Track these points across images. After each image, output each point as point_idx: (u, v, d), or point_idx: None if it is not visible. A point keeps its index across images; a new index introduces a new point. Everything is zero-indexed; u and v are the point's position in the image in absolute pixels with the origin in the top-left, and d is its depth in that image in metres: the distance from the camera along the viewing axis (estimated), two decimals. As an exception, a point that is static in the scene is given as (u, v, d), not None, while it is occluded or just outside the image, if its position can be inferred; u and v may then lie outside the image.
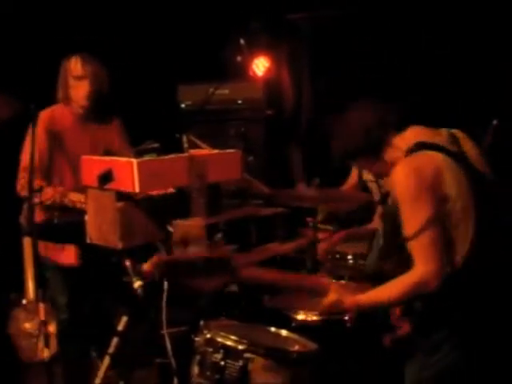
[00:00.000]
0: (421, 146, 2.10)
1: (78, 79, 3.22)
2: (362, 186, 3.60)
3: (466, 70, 4.52)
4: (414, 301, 2.16)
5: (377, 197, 3.41)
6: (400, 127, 2.20)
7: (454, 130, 2.21)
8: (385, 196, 2.96)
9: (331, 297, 2.25)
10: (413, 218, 2.02)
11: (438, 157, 2.07)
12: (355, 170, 3.61)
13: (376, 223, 3.53)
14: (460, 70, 4.55)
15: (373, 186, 3.46)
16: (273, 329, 2.60)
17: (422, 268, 2.00)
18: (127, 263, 2.51)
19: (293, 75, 5.14)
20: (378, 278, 2.26)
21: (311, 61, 5.13)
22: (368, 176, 3.44)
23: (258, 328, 2.62)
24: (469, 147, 2.16)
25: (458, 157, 2.09)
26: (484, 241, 2.05)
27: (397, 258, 2.17)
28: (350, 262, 3.57)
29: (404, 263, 2.07)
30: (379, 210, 3.42)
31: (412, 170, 2.05)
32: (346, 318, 2.43)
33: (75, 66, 3.23)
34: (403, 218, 2.06)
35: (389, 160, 2.19)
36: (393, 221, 2.13)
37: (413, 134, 2.17)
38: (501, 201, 2.14)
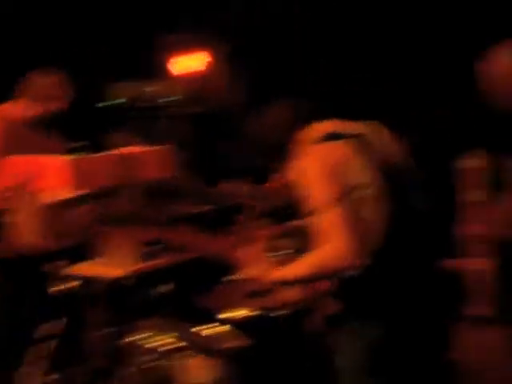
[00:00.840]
0: (331, 137, 2.15)
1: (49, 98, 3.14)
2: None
3: (385, 64, 4.62)
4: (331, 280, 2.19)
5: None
6: (310, 121, 2.24)
7: (370, 122, 2.27)
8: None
9: (247, 271, 2.31)
10: (321, 195, 2.04)
11: (347, 146, 2.12)
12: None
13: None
14: (379, 64, 4.65)
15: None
16: (205, 327, 2.60)
17: (333, 245, 2.02)
18: (51, 267, 2.46)
19: (226, 73, 5.14)
20: None
21: (253, 58, 5.14)
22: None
23: (191, 326, 2.61)
24: (384, 139, 2.23)
25: (370, 147, 2.15)
26: (396, 227, 2.10)
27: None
28: (289, 257, 3.57)
29: None
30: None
31: (319, 155, 2.11)
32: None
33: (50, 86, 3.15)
34: (312, 196, 2.07)
35: (303, 151, 2.21)
36: None
37: (328, 126, 2.22)
38: (416, 189, 2.21)
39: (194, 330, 2.57)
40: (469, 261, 2.47)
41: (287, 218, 3.72)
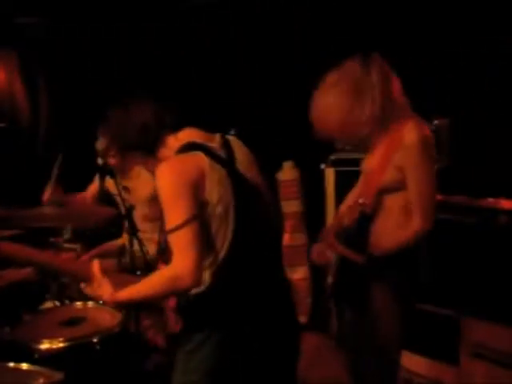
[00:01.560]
0: (190, 147, 2.13)
1: None
2: (107, 199, 3.46)
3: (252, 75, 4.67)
4: (177, 297, 2.20)
5: (123, 211, 3.30)
6: (176, 127, 2.22)
7: (229, 136, 2.27)
8: (130, 210, 2.87)
9: (90, 289, 2.20)
10: (174, 214, 2.02)
11: (203, 160, 2.09)
12: (97, 181, 3.48)
13: (125, 238, 3.42)
14: (205, 76, 4.69)
15: (118, 199, 3.35)
16: (11, 364, 2.35)
17: (178, 263, 2.00)
18: None
19: (27, 84, 4.81)
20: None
21: (46, 67, 4.87)
22: (113, 189, 3.32)
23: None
24: (240, 153, 2.22)
25: (225, 162, 2.13)
26: (243, 243, 2.10)
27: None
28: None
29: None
30: (126, 224, 3.32)
31: (175, 168, 2.07)
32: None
33: None
34: (165, 213, 2.05)
35: (162, 159, 2.17)
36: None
37: (186, 135, 2.20)
38: (269, 205, 2.23)
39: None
40: (289, 270, 2.51)
41: (106, 239, 3.57)
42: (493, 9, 3.63)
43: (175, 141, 2.18)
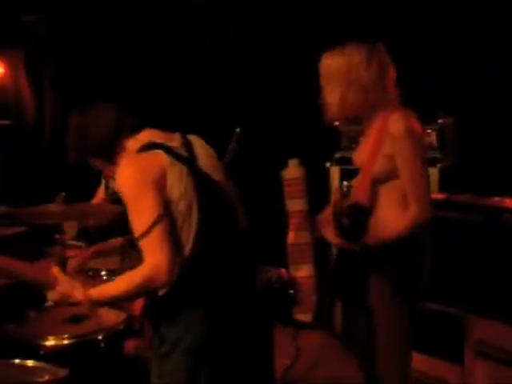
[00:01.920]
0: (149, 146, 2.12)
1: None
2: (113, 197, 3.47)
3: (213, 76, 4.67)
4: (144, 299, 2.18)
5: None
6: (136, 130, 2.20)
7: (189, 135, 2.25)
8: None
9: (60, 288, 2.14)
10: (140, 216, 2.01)
11: (163, 158, 2.08)
12: (103, 184, 3.48)
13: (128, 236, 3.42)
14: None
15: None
16: (17, 361, 2.36)
17: (151, 262, 1.99)
18: None
19: (32, 81, 4.82)
20: None
21: (52, 65, 4.88)
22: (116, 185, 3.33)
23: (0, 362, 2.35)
24: (201, 152, 2.21)
25: (186, 160, 2.13)
26: (207, 238, 2.10)
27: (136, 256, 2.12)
28: (104, 278, 3.41)
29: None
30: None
31: (136, 168, 2.06)
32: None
33: None
34: (131, 216, 2.04)
35: (121, 162, 2.16)
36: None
37: (146, 136, 2.18)
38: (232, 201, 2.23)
39: (3, 364, 2.31)
40: (293, 268, 2.51)
41: (111, 236, 3.57)
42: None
43: (135, 142, 2.16)
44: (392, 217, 2.36)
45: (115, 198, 3.43)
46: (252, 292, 2.31)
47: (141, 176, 2.02)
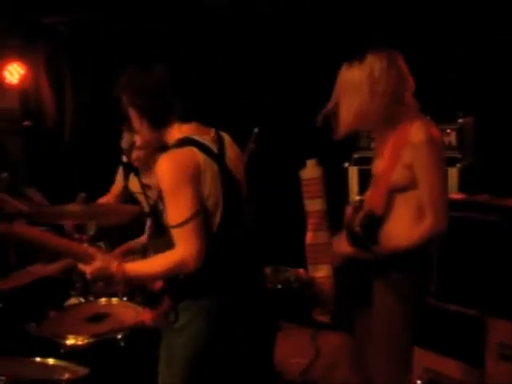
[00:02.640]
0: (186, 142, 2.21)
1: None
2: (130, 197, 3.49)
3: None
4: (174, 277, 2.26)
5: (146, 208, 3.33)
6: (183, 118, 2.28)
7: (222, 133, 2.34)
8: (154, 207, 2.89)
9: (97, 263, 2.23)
10: (178, 208, 2.13)
11: (198, 155, 2.18)
12: (119, 180, 3.51)
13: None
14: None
15: (140, 198, 3.37)
16: (38, 359, 2.38)
17: (183, 251, 2.14)
18: None
19: (53, 82, 4.85)
20: None
21: (72, 67, 4.91)
22: (135, 187, 3.35)
23: (21, 360, 2.38)
24: (230, 150, 2.31)
25: (217, 157, 2.23)
26: (227, 234, 2.23)
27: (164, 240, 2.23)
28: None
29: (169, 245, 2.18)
30: (149, 222, 3.34)
31: (174, 162, 2.16)
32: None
33: None
34: (168, 205, 2.15)
35: (160, 139, 2.29)
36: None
37: (188, 129, 2.27)
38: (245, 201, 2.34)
39: (25, 362, 2.34)
40: (312, 268, 2.52)
41: (130, 237, 3.60)
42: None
43: (178, 131, 2.26)
44: (406, 226, 2.34)
45: (132, 198, 3.47)
46: (259, 289, 2.44)
47: (181, 169, 2.13)
